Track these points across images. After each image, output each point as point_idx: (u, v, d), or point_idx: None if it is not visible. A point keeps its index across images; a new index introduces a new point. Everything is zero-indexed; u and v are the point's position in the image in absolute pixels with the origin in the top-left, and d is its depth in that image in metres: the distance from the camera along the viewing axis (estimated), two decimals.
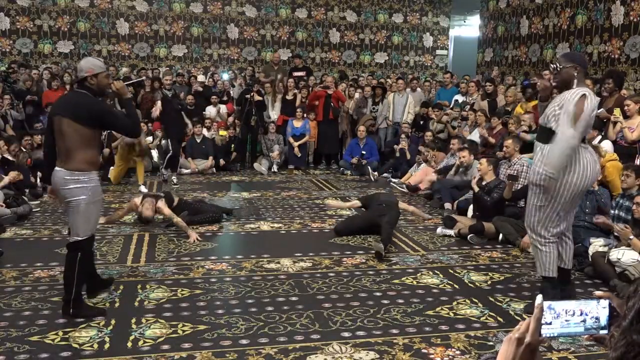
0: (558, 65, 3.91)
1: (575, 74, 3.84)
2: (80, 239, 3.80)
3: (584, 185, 3.89)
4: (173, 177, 8.77)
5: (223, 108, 11.00)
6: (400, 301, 4.21)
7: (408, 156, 9.26)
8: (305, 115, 10.41)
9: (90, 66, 3.85)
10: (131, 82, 8.66)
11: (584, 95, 3.74)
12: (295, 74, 11.74)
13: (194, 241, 5.62)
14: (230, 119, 10.76)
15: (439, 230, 6.16)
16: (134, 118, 4.07)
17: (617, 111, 6.55)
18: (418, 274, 4.82)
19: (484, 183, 6.17)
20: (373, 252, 5.39)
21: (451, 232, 6.04)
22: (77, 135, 3.71)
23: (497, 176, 6.51)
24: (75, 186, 3.73)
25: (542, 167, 3.85)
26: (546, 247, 4.00)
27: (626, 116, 6.46)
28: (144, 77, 11.39)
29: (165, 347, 3.43)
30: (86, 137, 3.75)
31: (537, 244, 4.02)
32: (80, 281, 3.83)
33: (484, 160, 6.29)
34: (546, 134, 3.89)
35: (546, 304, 1.21)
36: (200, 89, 11.09)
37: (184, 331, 3.65)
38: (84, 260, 3.85)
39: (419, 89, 11.25)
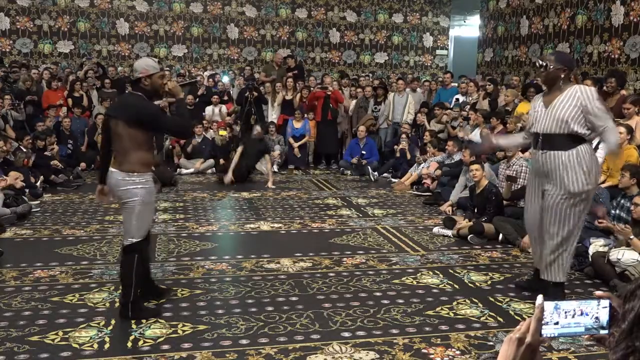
0: (549, 64, 3.96)
1: (562, 76, 3.93)
2: (135, 240, 3.81)
3: (599, 176, 4.17)
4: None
5: (223, 108, 11.00)
6: (400, 301, 4.21)
7: (408, 156, 9.26)
8: (304, 115, 10.41)
9: (144, 67, 3.83)
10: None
11: (596, 91, 3.91)
12: (289, 74, 11.72)
13: None
14: (228, 118, 10.75)
15: (436, 229, 6.15)
16: (185, 119, 4.12)
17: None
18: (418, 274, 4.82)
19: (478, 191, 6.10)
20: (374, 251, 5.40)
21: (449, 232, 6.03)
22: (130, 137, 3.71)
23: (497, 176, 6.52)
24: (130, 187, 3.73)
25: (579, 164, 3.87)
26: (569, 254, 4.08)
27: (623, 116, 6.49)
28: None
29: (165, 347, 3.43)
30: (139, 139, 3.74)
31: (565, 253, 4.03)
32: (138, 283, 3.84)
33: (478, 166, 6.08)
34: (565, 140, 3.88)
35: (552, 304, 1.21)
36: (205, 92, 11.10)
37: (184, 331, 3.65)
38: (141, 262, 3.87)
39: (418, 89, 11.25)
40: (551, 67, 3.94)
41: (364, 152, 9.75)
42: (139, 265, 3.85)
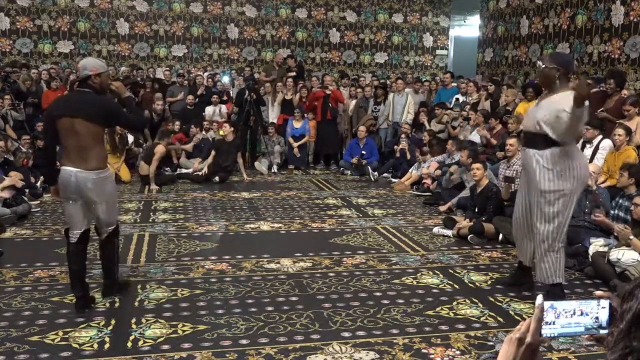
0: (541, 63, 4.02)
1: (557, 75, 3.94)
2: (113, 227, 4.10)
3: (586, 179, 4.11)
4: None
5: (223, 108, 11.00)
6: (400, 301, 4.21)
7: (408, 156, 9.25)
8: (304, 115, 10.40)
9: (94, 65, 3.94)
10: (128, 82, 8.82)
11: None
12: (289, 74, 11.72)
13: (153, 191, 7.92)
14: (223, 121, 10.73)
15: (436, 229, 6.15)
16: (138, 114, 4.53)
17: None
18: (418, 274, 4.82)
19: (479, 190, 6.10)
20: (374, 251, 5.41)
21: (449, 232, 6.03)
22: (91, 134, 3.83)
23: (497, 176, 6.50)
24: (100, 183, 3.91)
25: (551, 165, 3.93)
26: (559, 253, 4.10)
27: (623, 117, 6.50)
28: (138, 78, 11.59)
29: (165, 347, 3.43)
30: (99, 135, 3.94)
31: (554, 253, 4.07)
32: (118, 264, 4.24)
33: (480, 166, 6.10)
34: (541, 140, 3.97)
35: (548, 303, 1.21)
36: (205, 92, 11.09)
37: (184, 331, 3.65)
38: (118, 244, 4.27)
39: (420, 91, 11.25)
40: (543, 66, 3.98)
41: (364, 152, 9.75)
42: (118, 248, 4.26)
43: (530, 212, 4.15)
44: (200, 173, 8.99)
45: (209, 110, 10.77)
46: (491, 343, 3.57)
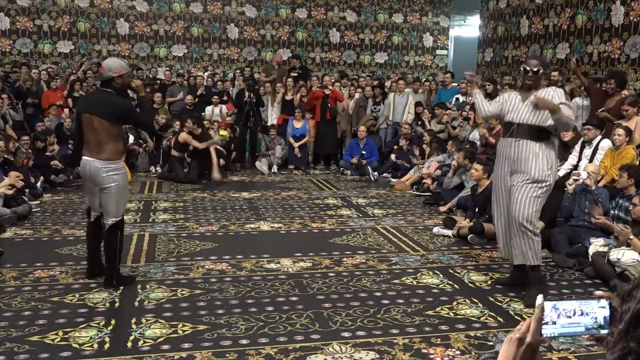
0: (539, 69, 4.30)
1: (543, 77, 4.44)
2: (117, 219, 4.32)
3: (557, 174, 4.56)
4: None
5: (223, 108, 10.99)
6: (400, 301, 4.21)
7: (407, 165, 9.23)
8: (304, 115, 10.39)
9: (118, 67, 4.29)
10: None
11: (565, 92, 4.41)
12: (292, 74, 11.71)
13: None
14: (229, 119, 10.74)
15: (436, 229, 6.15)
16: (148, 114, 4.85)
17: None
18: (418, 274, 4.82)
19: (480, 190, 6.10)
20: (374, 251, 5.41)
21: (449, 232, 6.03)
22: (106, 130, 4.19)
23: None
24: (110, 173, 4.22)
25: (545, 156, 4.21)
26: (538, 237, 4.30)
27: (622, 117, 6.50)
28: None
29: (165, 347, 3.43)
30: (114, 131, 4.25)
31: (532, 235, 4.26)
32: (120, 256, 4.43)
33: (479, 166, 6.10)
34: (539, 132, 4.23)
35: (548, 303, 1.21)
36: (205, 92, 11.08)
37: (184, 331, 3.65)
38: (122, 237, 4.43)
39: (419, 90, 11.24)
40: (540, 71, 4.30)
41: (364, 152, 9.75)
42: (121, 240, 4.40)
43: (509, 199, 4.31)
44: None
45: (209, 110, 10.76)
46: (491, 343, 3.57)
